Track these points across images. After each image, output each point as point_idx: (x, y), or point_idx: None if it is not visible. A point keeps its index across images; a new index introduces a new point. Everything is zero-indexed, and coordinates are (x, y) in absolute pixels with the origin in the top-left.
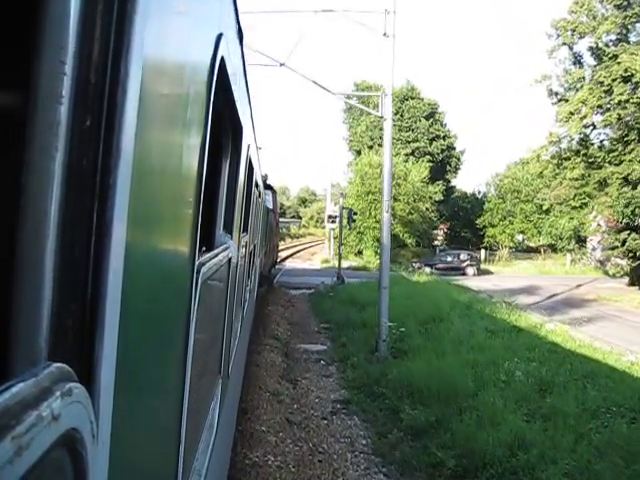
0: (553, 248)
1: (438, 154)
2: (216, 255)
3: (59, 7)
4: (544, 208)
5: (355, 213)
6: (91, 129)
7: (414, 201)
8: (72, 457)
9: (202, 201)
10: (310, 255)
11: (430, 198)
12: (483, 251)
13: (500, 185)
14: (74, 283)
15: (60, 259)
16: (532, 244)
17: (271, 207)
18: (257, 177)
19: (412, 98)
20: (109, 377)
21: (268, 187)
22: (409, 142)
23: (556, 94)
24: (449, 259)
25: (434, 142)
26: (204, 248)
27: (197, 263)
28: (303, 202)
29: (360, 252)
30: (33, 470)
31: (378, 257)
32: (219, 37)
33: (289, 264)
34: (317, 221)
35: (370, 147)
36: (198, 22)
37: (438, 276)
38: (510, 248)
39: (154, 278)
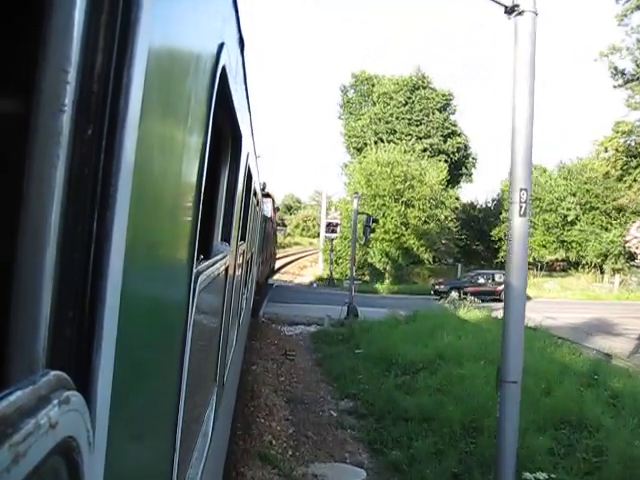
0: (572, 264)
1: (453, 153)
2: (213, 264)
3: (63, 16)
4: (569, 219)
5: (375, 220)
6: (93, 138)
7: (431, 207)
8: (68, 465)
9: (201, 209)
10: (299, 269)
11: (445, 205)
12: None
13: None
14: (73, 291)
15: (60, 267)
16: (542, 260)
17: (269, 215)
18: (255, 185)
19: (423, 88)
20: (106, 385)
21: (266, 195)
22: (420, 138)
23: (623, 73)
24: (481, 281)
25: (449, 139)
26: (202, 256)
27: (194, 272)
28: (288, 209)
29: (362, 268)
30: (29, 478)
31: (387, 275)
32: (221, 46)
33: (276, 280)
34: (303, 229)
35: (375, 143)
36: (200, 32)
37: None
38: (529, 265)
39: (152, 286)
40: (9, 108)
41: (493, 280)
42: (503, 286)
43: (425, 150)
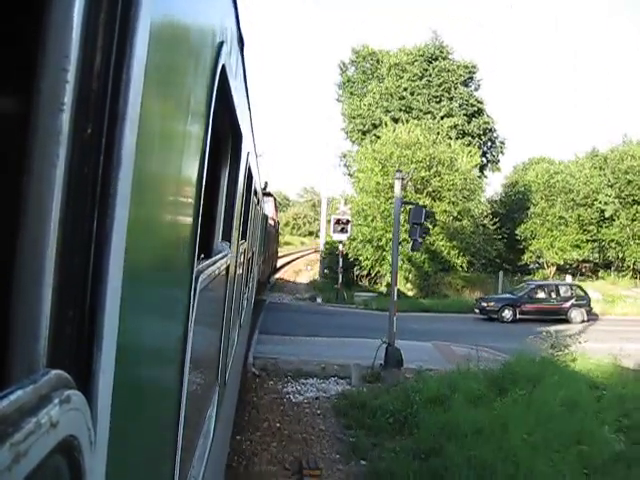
0: (600, 266)
1: (479, 136)
2: (214, 262)
3: (62, 15)
4: (606, 215)
5: (430, 215)
6: (92, 137)
7: (463, 200)
8: (70, 464)
9: (201, 208)
10: (294, 274)
11: (480, 198)
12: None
13: (549, 183)
14: (73, 290)
15: (60, 266)
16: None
17: (270, 214)
18: (256, 184)
19: (442, 58)
20: (107, 384)
21: (267, 194)
22: (441, 117)
23: None
24: (541, 296)
25: (473, 119)
26: (202, 255)
27: (195, 271)
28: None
29: (369, 275)
30: (31, 477)
31: (410, 286)
32: (220, 45)
33: (272, 285)
34: (293, 228)
35: (385, 125)
36: (199, 31)
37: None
38: (558, 268)
39: (152, 285)
40: (9, 107)
41: (558, 294)
42: (571, 302)
43: (446, 133)
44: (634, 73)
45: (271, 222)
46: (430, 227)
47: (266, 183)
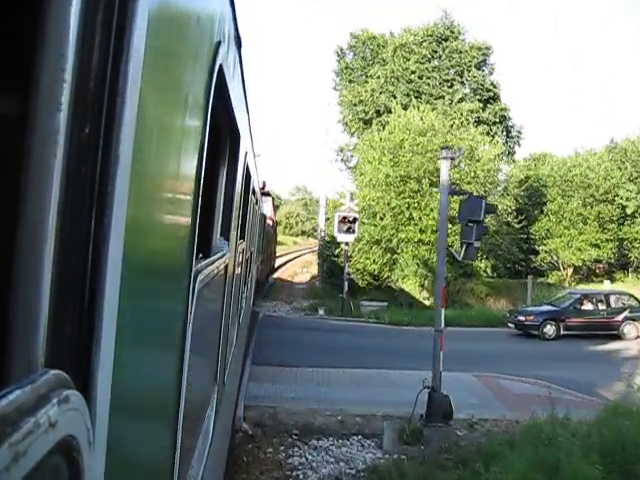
0: (615, 267)
1: (495, 124)
2: (213, 262)
3: (60, 15)
4: (628, 211)
5: (493, 209)
6: (90, 137)
7: (485, 194)
8: (68, 464)
9: (199, 208)
10: (289, 278)
11: (507, 191)
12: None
13: (566, 177)
14: (72, 290)
15: (58, 265)
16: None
17: (269, 214)
18: (254, 184)
19: (454, 39)
20: (106, 384)
21: (266, 194)
22: (451, 102)
23: None
24: (588, 307)
25: (489, 105)
26: (201, 255)
27: (194, 270)
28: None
29: (377, 278)
30: (29, 477)
31: (427, 294)
32: (218, 45)
33: (265, 297)
34: (286, 227)
35: (389, 112)
36: (197, 30)
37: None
38: (575, 270)
39: (151, 285)
40: (6, 107)
41: (608, 305)
42: (624, 315)
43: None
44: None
45: (269, 222)
46: (450, 225)
47: (264, 182)
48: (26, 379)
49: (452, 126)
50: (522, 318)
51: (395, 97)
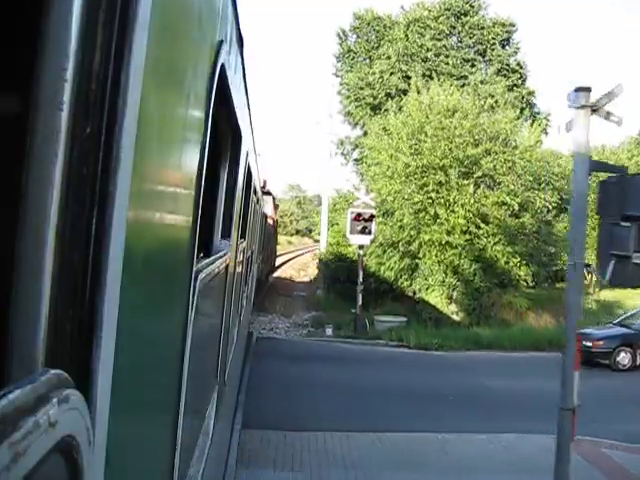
0: None
1: (522, 110)
2: (214, 261)
3: (61, 14)
4: None
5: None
6: (91, 136)
7: (524, 189)
8: (68, 463)
9: (200, 207)
10: (287, 282)
11: (551, 184)
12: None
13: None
14: (72, 289)
15: (59, 265)
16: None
17: (269, 213)
18: (255, 183)
19: (474, 14)
20: (106, 384)
21: (267, 193)
22: (473, 84)
23: None
24: None
25: (515, 88)
26: (202, 254)
27: (195, 269)
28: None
29: (392, 290)
30: (29, 477)
31: (456, 308)
32: (220, 44)
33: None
34: (279, 226)
35: (399, 95)
36: (199, 30)
37: None
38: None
39: (152, 284)
40: (8, 106)
41: None
42: None
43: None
44: None
45: (270, 221)
46: (481, 225)
47: (265, 182)
48: (26, 379)
49: (483, 107)
50: (588, 344)
51: (409, 78)
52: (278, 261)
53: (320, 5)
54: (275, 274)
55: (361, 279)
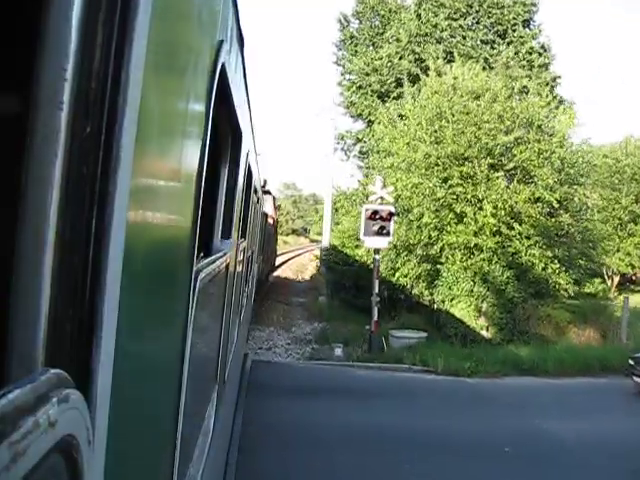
0: None
1: (546, 95)
2: (214, 261)
3: (61, 14)
4: None
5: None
6: (91, 136)
7: (561, 183)
8: (68, 463)
9: (201, 207)
10: (284, 287)
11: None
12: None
13: (616, 168)
14: (72, 289)
15: (58, 265)
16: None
17: (270, 213)
18: (256, 183)
19: None
20: (106, 383)
21: (267, 192)
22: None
23: None
24: None
25: (539, 72)
26: (202, 254)
27: (195, 269)
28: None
29: (406, 299)
30: (29, 476)
31: (486, 322)
32: (220, 44)
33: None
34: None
35: (411, 80)
36: (199, 29)
37: None
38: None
39: (152, 284)
40: (7, 106)
41: None
42: None
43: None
44: None
45: (270, 220)
46: (514, 225)
47: (265, 181)
48: (26, 378)
49: (514, 89)
50: None
51: (422, 60)
52: (277, 261)
53: (319, 3)
54: (275, 273)
55: (377, 289)
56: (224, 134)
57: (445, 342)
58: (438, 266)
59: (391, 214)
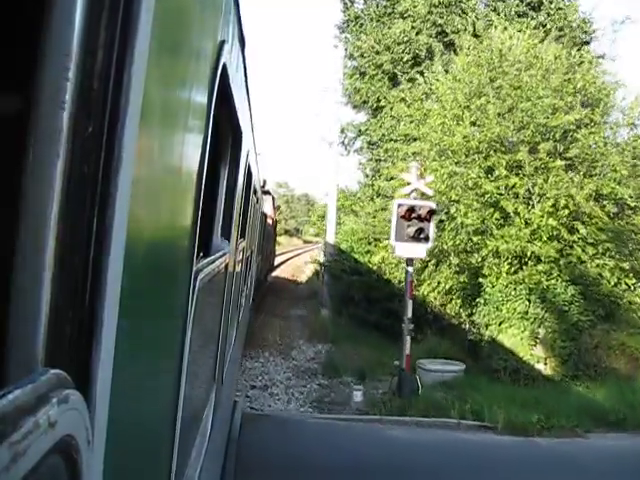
0: None
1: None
2: (213, 261)
3: (64, 14)
4: None
5: None
6: (93, 136)
7: (636, 175)
8: (67, 463)
9: (201, 207)
10: (279, 295)
11: None
12: None
13: None
14: (72, 289)
15: (59, 265)
16: None
17: (269, 213)
18: (255, 183)
19: None
20: (105, 384)
21: (266, 192)
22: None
23: None
24: None
25: (584, 47)
26: (201, 254)
27: (194, 269)
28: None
29: (430, 316)
30: (29, 476)
31: (544, 351)
32: (221, 44)
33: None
34: None
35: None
36: (200, 30)
37: None
38: None
39: (152, 284)
40: (9, 105)
41: None
42: None
43: None
44: None
45: (269, 221)
46: (578, 229)
47: (264, 181)
48: (26, 379)
49: (576, 58)
50: None
51: (446, 34)
52: (275, 262)
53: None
54: (273, 273)
55: (410, 313)
56: (224, 134)
57: (488, 377)
58: (479, 279)
59: (431, 212)
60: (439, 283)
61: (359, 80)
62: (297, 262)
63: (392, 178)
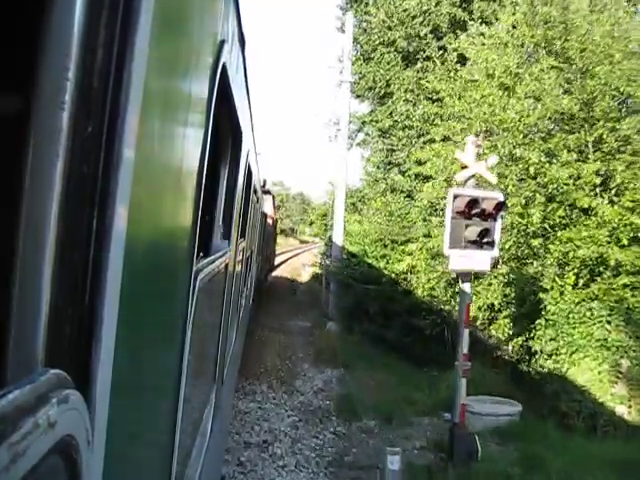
0: None
1: None
2: (213, 261)
3: (64, 14)
4: None
5: None
6: (92, 136)
7: None
8: (67, 463)
9: (201, 207)
10: (276, 301)
11: None
12: None
13: None
14: (72, 289)
15: (59, 265)
16: None
17: (269, 212)
18: (255, 182)
19: None
20: (105, 384)
21: (266, 192)
22: None
23: None
24: None
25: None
26: (202, 254)
27: (194, 269)
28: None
29: (472, 338)
30: (28, 477)
31: (614, 379)
32: (221, 44)
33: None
34: None
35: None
36: (200, 30)
37: None
38: None
39: (151, 284)
40: (9, 105)
41: None
42: None
43: None
44: None
45: (270, 220)
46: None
47: (265, 181)
48: (26, 378)
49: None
50: None
51: (470, 1)
52: (275, 261)
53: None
54: (273, 274)
55: (466, 348)
56: (224, 134)
57: (553, 422)
58: (541, 295)
59: (500, 206)
60: (479, 296)
61: (363, 66)
62: (295, 264)
63: (420, 163)
